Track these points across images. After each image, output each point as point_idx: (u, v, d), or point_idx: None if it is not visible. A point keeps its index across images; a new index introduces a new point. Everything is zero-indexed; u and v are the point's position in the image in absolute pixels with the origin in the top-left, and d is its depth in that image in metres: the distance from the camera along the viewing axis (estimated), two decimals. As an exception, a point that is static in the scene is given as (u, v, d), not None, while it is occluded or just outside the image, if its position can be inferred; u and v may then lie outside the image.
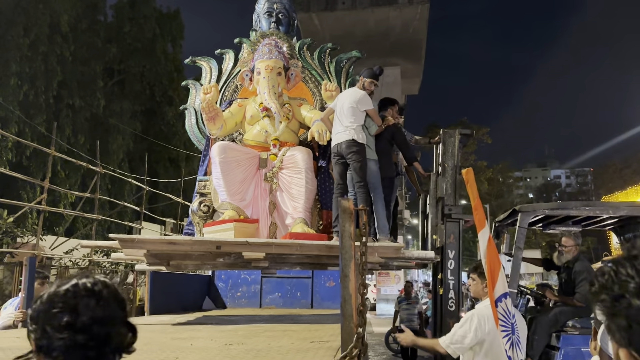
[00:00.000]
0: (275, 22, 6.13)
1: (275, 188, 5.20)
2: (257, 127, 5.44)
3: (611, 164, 47.98)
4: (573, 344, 4.60)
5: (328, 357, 2.40)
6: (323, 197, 5.37)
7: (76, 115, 21.60)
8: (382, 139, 5.17)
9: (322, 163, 5.46)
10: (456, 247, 4.86)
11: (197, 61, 6.49)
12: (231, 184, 4.99)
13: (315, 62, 6.30)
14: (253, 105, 5.53)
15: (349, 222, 2.47)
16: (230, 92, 6.15)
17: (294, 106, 5.57)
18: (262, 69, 5.46)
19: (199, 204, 5.34)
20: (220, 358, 2.37)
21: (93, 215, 12.68)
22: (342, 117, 4.91)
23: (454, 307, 4.81)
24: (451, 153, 5.09)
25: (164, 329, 4.14)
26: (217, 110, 5.26)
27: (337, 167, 4.89)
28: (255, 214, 5.13)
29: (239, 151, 5.22)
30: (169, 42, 26.26)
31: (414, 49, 24.44)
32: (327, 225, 5.27)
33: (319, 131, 4.99)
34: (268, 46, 5.62)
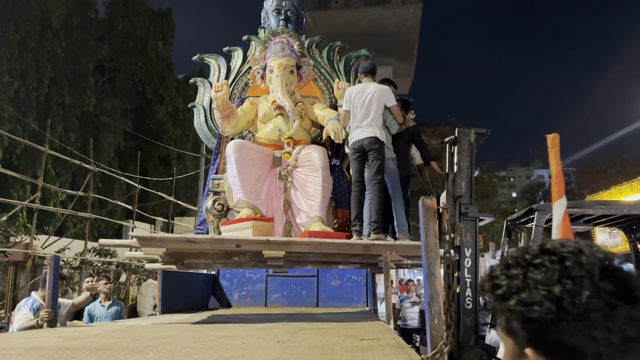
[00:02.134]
0: (284, 20, 6.11)
1: (290, 186, 5.19)
2: (270, 126, 5.43)
3: (595, 164, 48.59)
4: None
5: (401, 354, 2.38)
6: (338, 195, 5.37)
7: (67, 112, 21.36)
8: (401, 138, 5.21)
9: (336, 162, 5.47)
10: (473, 246, 4.90)
11: (205, 58, 6.44)
12: (247, 183, 4.98)
13: (325, 61, 6.30)
14: (265, 103, 5.51)
15: (433, 221, 2.48)
16: (240, 90, 6.12)
17: (307, 104, 5.57)
18: (274, 67, 5.44)
19: (213, 202, 5.31)
20: (287, 355, 2.36)
21: (86, 214, 12.55)
22: (363, 113, 4.88)
23: (471, 305, 4.85)
24: (466, 152, 5.11)
25: (193, 327, 4.11)
26: (232, 108, 5.25)
27: (356, 164, 4.88)
28: (270, 213, 5.12)
29: (254, 149, 5.20)
30: (160, 40, 26.06)
31: (406, 49, 24.54)
32: (342, 224, 5.27)
33: (334, 130, 4.99)
34: (280, 44, 5.60)
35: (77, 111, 21.84)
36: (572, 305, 0.70)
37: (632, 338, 0.70)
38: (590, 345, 0.69)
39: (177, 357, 2.39)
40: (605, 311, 0.70)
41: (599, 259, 0.74)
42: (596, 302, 0.70)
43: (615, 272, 0.73)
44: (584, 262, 0.74)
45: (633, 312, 0.70)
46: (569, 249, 0.76)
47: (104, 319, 5.84)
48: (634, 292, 0.72)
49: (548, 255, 0.76)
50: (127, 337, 3.35)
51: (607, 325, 0.69)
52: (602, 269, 0.73)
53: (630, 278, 0.73)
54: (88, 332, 3.73)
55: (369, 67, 5.22)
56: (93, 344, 2.94)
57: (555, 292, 0.72)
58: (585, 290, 0.71)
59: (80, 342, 3.02)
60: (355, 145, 4.87)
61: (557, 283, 0.73)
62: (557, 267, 0.74)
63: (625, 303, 0.71)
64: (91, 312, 5.99)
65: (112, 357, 2.40)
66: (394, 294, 15.95)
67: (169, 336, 3.38)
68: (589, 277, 0.72)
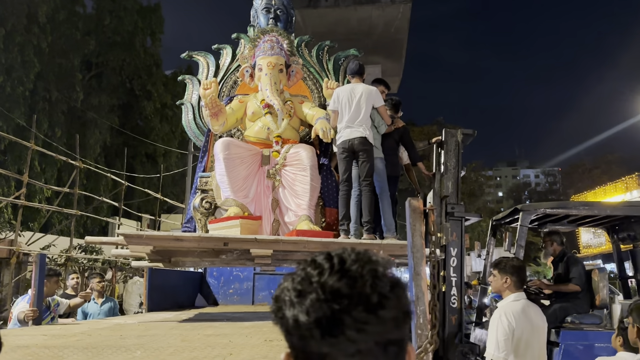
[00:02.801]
0: (273, 19, 6.10)
1: (278, 185, 5.18)
2: (259, 124, 5.42)
3: (580, 164, 49.16)
4: (573, 340, 4.74)
5: None
6: (326, 194, 5.38)
7: (53, 108, 21.16)
8: (390, 138, 5.25)
9: (324, 161, 5.48)
10: (459, 245, 4.96)
11: (194, 56, 6.42)
12: (235, 181, 4.97)
13: (314, 60, 6.31)
14: (254, 101, 5.50)
15: (419, 222, 2.52)
16: (228, 88, 6.11)
17: (296, 103, 5.57)
18: (264, 66, 5.43)
19: (200, 200, 5.29)
20: (274, 354, 2.37)
21: (72, 211, 12.43)
22: (353, 113, 4.90)
23: (456, 303, 4.91)
24: (453, 152, 5.17)
25: (180, 325, 4.11)
26: (220, 106, 5.24)
27: (344, 163, 4.90)
28: (258, 211, 5.12)
29: (242, 147, 5.19)
30: (148, 36, 25.88)
31: (395, 48, 24.62)
32: (329, 223, 5.29)
33: (323, 129, 4.99)
34: (269, 42, 5.59)
35: (64, 106, 21.64)
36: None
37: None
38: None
39: (164, 356, 2.40)
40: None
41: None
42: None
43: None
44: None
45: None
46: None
47: (98, 316, 5.88)
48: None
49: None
50: (114, 336, 3.35)
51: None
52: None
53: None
54: (75, 330, 3.72)
55: (357, 68, 5.25)
56: (80, 342, 2.94)
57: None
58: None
59: (66, 340, 3.01)
60: (345, 144, 4.89)
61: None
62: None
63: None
64: (85, 309, 6.02)
65: (98, 356, 2.41)
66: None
67: (156, 334, 3.38)
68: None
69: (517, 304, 3.29)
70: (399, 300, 0.75)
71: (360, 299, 0.72)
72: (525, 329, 3.18)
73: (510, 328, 3.16)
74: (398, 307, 0.74)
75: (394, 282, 0.76)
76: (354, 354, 0.71)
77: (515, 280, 3.36)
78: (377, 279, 0.74)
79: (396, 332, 0.74)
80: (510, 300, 3.32)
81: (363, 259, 0.76)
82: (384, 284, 0.74)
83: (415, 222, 2.51)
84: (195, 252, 4.67)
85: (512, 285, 3.35)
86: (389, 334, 0.74)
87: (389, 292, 0.74)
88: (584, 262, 5.66)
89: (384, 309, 0.72)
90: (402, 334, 0.76)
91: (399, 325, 0.75)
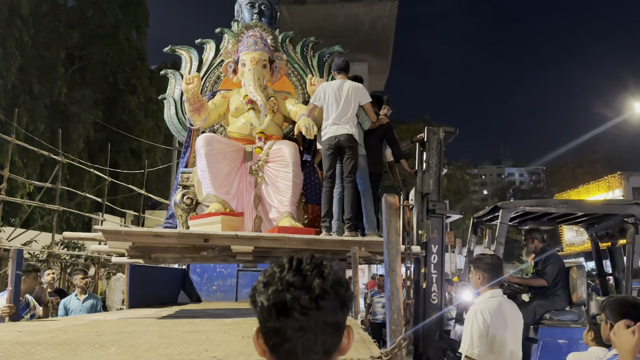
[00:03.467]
0: (257, 14, 6.05)
1: (261, 181, 5.15)
2: (242, 120, 5.38)
3: (564, 163, 49.75)
4: (551, 336, 4.79)
5: (359, 349, 2.40)
6: (308, 191, 5.35)
7: (35, 102, 20.84)
8: (374, 135, 5.24)
9: (307, 157, 5.44)
10: (439, 242, 4.99)
11: (176, 50, 6.35)
12: (217, 177, 4.92)
13: (298, 56, 6.28)
14: (237, 97, 5.46)
15: (395, 218, 2.50)
16: (212, 83, 6.06)
17: (279, 99, 5.54)
18: (247, 61, 5.39)
19: (182, 196, 5.24)
20: (251, 350, 2.36)
21: (54, 206, 12.26)
22: (341, 110, 4.88)
23: (437, 299, 4.94)
24: (435, 150, 5.19)
25: (159, 322, 4.07)
26: (202, 102, 5.19)
27: (329, 160, 4.87)
28: (240, 207, 5.08)
29: (225, 143, 5.15)
30: (133, 29, 25.60)
31: (382, 46, 24.66)
32: (312, 220, 5.27)
33: (306, 125, 4.95)
34: (253, 38, 5.55)
35: (46, 100, 21.34)
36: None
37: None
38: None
39: (139, 352, 2.37)
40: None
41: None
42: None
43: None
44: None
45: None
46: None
47: (79, 313, 5.79)
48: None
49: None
50: (90, 332, 3.31)
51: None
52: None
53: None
54: (50, 326, 3.66)
55: (343, 64, 5.23)
56: (54, 338, 2.89)
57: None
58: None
59: (41, 337, 2.96)
60: (331, 141, 4.86)
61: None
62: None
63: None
64: (66, 305, 5.92)
65: (71, 352, 2.37)
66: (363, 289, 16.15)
67: (134, 331, 3.34)
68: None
69: (492, 301, 3.30)
70: (337, 294, 1.01)
71: (307, 292, 0.98)
72: (500, 326, 3.19)
73: (485, 325, 3.17)
74: (336, 299, 1.01)
75: (336, 280, 1.02)
76: (299, 330, 0.99)
77: (488, 277, 3.36)
78: (322, 278, 1.00)
79: (333, 317, 1.01)
80: (486, 297, 3.34)
81: (315, 263, 1.03)
82: (326, 282, 1.00)
83: (391, 218, 2.50)
84: (175, 248, 4.63)
85: (485, 282, 3.37)
86: (327, 318, 1.00)
87: (329, 288, 1.00)
88: (564, 260, 5.72)
89: (324, 300, 0.99)
90: (339, 319, 1.02)
91: (336, 312, 1.01)
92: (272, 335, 1.01)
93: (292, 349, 1.00)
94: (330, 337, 1.02)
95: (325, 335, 1.01)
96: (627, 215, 5.28)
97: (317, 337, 1.00)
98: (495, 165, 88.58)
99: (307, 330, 0.99)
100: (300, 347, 0.99)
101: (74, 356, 2.29)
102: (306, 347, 1.00)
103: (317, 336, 1.00)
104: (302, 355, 1.00)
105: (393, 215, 2.51)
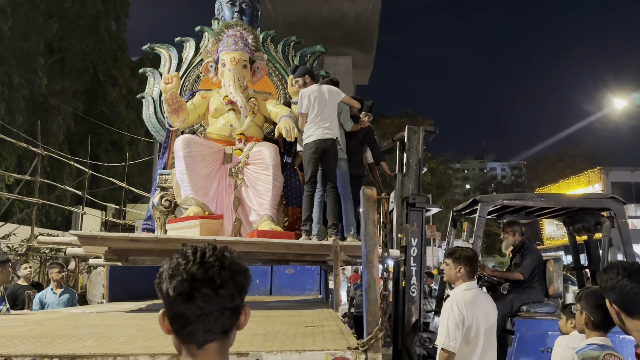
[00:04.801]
0: (238, 12, 5.98)
1: (240, 184, 5.10)
2: (222, 121, 5.32)
3: (545, 157, 50.31)
4: (527, 328, 4.84)
5: (340, 340, 2.43)
6: (289, 193, 5.32)
7: (14, 93, 20.43)
8: (355, 138, 5.26)
9: (288, 159, 5.41)
10: (419, 235, 5.04)
11: (155, 48, 6.28)
12: (195, 179, 4.87)
13: (279, 55, 6.25)
14: (217, 97, 5.41)
15: (373, 210, 2.53)
16: (191, 82, 5.99)
17: (260, 100, 5.50)
18: (227, 61, 5.35)
19: (160, 198, 5.17)
20: (235, 341, 2.39)
21: (33, 199, 12.10)
22: (324, 113, 4.89)
23: (416, 292, 4.99)
24: (415, 149, 5.24)
25: (139, 315, 4.05)
26: (181, 102, 5.12)
27: (312, 164, 4.83)
28: (220, 210, 5.03)
29: (204, 145, 5.09)
30: (112, 20, 25.16)
31: (366, 40, 24.69)
32: (292, 222, 5.25)
33: (286, 127, 4.93)
34: (233, 37, 5.51)
35: (25, 92, 20.92)
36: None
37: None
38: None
39: (115, 345, 2.37)
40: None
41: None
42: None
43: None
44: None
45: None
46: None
47: (56, 306, 5.73)
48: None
49: None
50: (67, 325, 3.28)
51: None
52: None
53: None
54: (27, 319, 3.63)
55: (308, 69, 5.28)
56: (31, 332, 2.87)
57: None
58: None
59: (17, 330, 2.94)
60: (318, 145, 4.82)
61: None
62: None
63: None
64: (42, 299, 5.87)
65: (47, 345, 2.36)
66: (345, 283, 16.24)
67: (112, 324, 3.32)
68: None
69: (468, 293, 3.33)
70: (236, 283, 1.13)
71: (208, 282, 1.10)
72: (475, 318, 3.23)
73: (461, 317, 3.20)
74: (235, 287, 1.13)
75: (235, 271, 1.14)
76: (200, 315, 1.11)
77: (468, 270, 3.39)
78: (223, 269, 1.12)
79: (231, 303, 1.13)
80: (461, 290, 3.37)
81: (217, 255, 1.14)
82: (226, 273, 1.12)
83: (368, 210, 2.53)
84: (153, 251, 4.60)
85: (464, 275, 3.39)
86: (226, 304, 1.13)
87: (229, 278, 1.12)
88: (542, 254, 5.82)
89: (224, 289, 1.11)
90: (236, 304, 1.15)
91: (234, 299, 1.14)
92: (176, 319, 1.13)
93: (193, 330, 1.13)
94: (228, 319, 1.15)
95: (224, 318, 1.14)
96: (603, 209, 5.36)
97: (217, 320, 1.13)
98: (478, 160, 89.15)
99: (208, 315, 1.12)
100: (201, 330, 1.13)
101: (49, 349, 2.28)
102: (206, 329, 1.13)
103: (217, 319, 1.13)
104: (202, 336, 1.13)
105: (371, 208, 2.53)
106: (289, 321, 3.39)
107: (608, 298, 2.04)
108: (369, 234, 2.52)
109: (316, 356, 2.17)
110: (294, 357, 2.17)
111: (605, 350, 2.41)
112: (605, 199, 5.43)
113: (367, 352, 2.22)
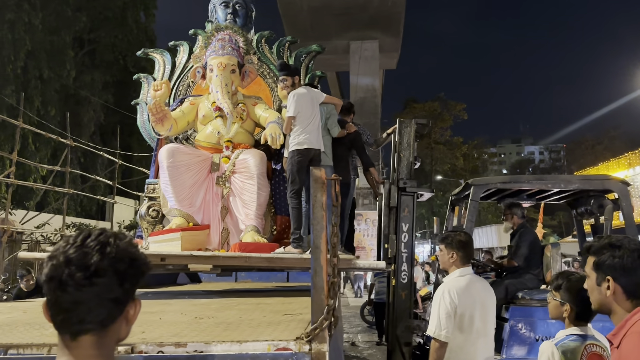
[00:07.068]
0: (231, 14, 5.84)
1: (228, 192, 4.99)
2: (210, 128, 5.23)
3: (584, 140, 48.58)
4: (521, 316, 4.67)
5: (299, 329, 2.37)
6: (277, 201, 5.18)
7: (45, 86, 21.01)
8: (341, 144, 5.09)
9: (277, 166, 5.25)
10: (410, 220, 4.91)
11: (149, 53, 6.24)
12: (180, 190, 4.79)
13: (274, 56, 6.07)
14: (206, 103, 5.32)
15: (321, 192, 2.41)
16: (185, 88, 5.89)
17: (249, 105, 5.37)
18: (214, 66, 5.24)
19: (147, 208, 5.16)
20: (189, 331, 2.36)
21: (64, 189, 12.38)
22: (313, 118, 4.70)
23: (406, 279, 4.87)
24: (407, 143, 5.08)
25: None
26: (165, 112, 5.03)
27: (300, 172, 4.56)
28: (207, 219, 4.96)
29: (189, 154, 4.99)
30: (141, 11, 25.46)
31: (393, 23, 24.06)
32: (280, 231, 5.14)
33: (272, 134, 4.75)
34: (221, 42, 5.38)
35: (56, 84, 21.48)
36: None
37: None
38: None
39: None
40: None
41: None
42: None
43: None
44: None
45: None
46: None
47: None
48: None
49: None
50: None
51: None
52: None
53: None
54: (19, 307, 3.70)
55: (297, 69, 5.11)
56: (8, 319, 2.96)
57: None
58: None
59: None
60: (309, 152, 4.61)
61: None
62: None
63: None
64: None
65: (9, 333, 2.43)
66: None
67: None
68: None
69: (461, 280, 3.18)
70: (115, 272, 1.07)
71: (82, 269, 1.04)
72: (468, 305, 3.08)
73: (453, 305, 3.06)
74: (114, 276, 1.07)
75: (117, 258, 1.08)
76: (74, 302, 1.05)
77: (462, 256, 3.23)
78: (103, 256, 1.06)
79: (109, 293, 1.07)
80: (455, 276, 3.21)
81: (100, 240, 1.08)
82: (105, 260, 1.06)
83: (316, 192, 2.39)
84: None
85: (458, 261, 3.23)
86: (103, 294, 1.06)
87: (107, 266, 1.06)
88: (536, 236, 5.60)
89: (99, 277, 1.05)
90: (117, 294, 1.08)
91: (113, 288, 1.07)
92: (51, 306, 1.08)
93: (66, 319, 1.07)
94: (106, 310, 1.08)
95: (101, 308, 1.07)
96: (604, 191, 5.12)
97: (92, 310, 1.06)
98: (515, 143, 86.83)
99: (81, 303, 1.05)
100: (74, 318, 1.06)
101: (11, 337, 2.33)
102: (79, 319, 1.06)
103: (91, 309, 1.06)
104: (74, 325, 1.07)
105: (319, 190, 2.40)
106: (273, 309, 3.34)
107: (610, 275, 1.78)
108: (316, 217, 2.39)
109: (258, 346, 2.14)
110: (235, 348, 2.15)
111: (587, 341, 2.31)
112: (608, 181, 5.16)
113: (311, 342, 2.16)
